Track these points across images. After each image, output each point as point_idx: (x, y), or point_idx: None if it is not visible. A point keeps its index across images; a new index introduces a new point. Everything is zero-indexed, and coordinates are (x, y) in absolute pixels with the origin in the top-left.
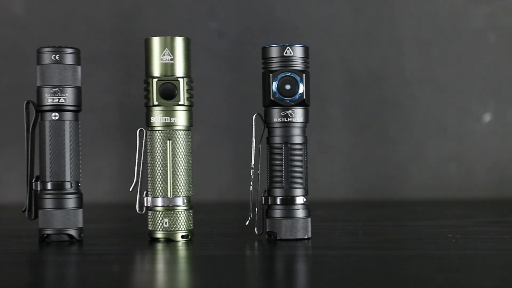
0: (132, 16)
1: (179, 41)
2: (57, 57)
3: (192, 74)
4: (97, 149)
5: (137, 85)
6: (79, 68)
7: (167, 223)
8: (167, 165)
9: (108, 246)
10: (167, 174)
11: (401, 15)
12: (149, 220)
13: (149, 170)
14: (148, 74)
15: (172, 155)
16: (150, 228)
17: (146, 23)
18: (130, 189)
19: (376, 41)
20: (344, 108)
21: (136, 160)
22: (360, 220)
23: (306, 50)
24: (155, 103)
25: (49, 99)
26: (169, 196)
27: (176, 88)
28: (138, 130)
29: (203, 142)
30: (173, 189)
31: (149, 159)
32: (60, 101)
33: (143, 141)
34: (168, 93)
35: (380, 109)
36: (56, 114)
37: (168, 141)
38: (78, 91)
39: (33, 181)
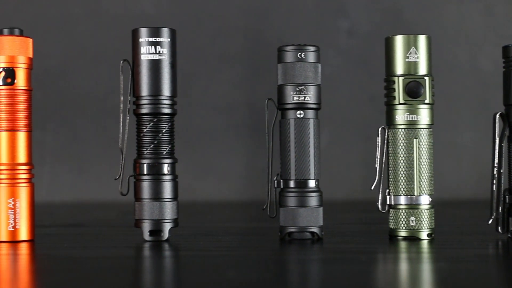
0: (262, 14)
1: (422, 40)
2: (302, 55)
3: (323, 73)
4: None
5: (265, 84)
6: (319, 65)
7: (414, 221)
8: (412, 163)
9: (352, 244)
10: (412, 173)
11: None
12: (390, 218)
13: (390, 168)
14: (391, 73)
15: (418, 153)
16: (391, 226)
17: (275, 21)
18: (372, 188)
19: (505, 39)
20: (472, 107)
21: (378, 159)
22: None
23: None
24: (401, 101)
25: (294, 97)
26: (415, 194)
27: (423, 86)
28: (380, 129)
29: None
30: (419, 187)
31: (390, 157)
32: (305, 99)
33: (385, 139)
34: (415, 92)
35: None
36: (301, 112)
37: (414, 140)
38: (319, 89)
39: (274, 179)
